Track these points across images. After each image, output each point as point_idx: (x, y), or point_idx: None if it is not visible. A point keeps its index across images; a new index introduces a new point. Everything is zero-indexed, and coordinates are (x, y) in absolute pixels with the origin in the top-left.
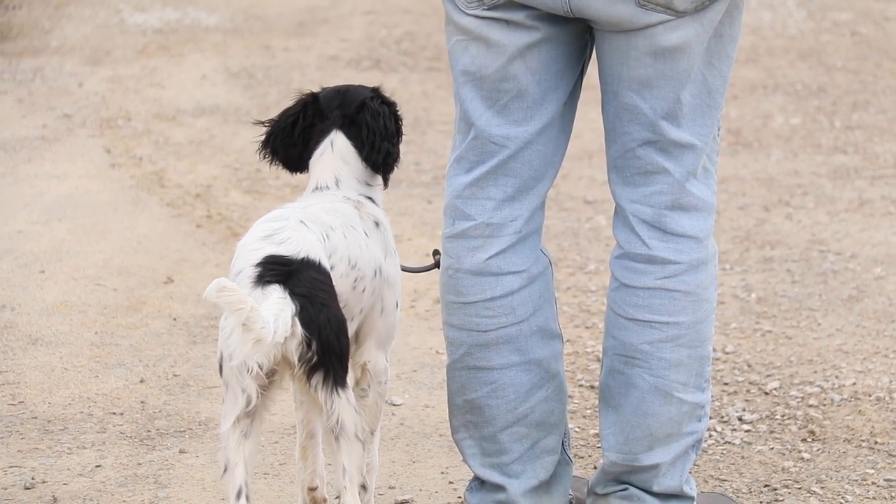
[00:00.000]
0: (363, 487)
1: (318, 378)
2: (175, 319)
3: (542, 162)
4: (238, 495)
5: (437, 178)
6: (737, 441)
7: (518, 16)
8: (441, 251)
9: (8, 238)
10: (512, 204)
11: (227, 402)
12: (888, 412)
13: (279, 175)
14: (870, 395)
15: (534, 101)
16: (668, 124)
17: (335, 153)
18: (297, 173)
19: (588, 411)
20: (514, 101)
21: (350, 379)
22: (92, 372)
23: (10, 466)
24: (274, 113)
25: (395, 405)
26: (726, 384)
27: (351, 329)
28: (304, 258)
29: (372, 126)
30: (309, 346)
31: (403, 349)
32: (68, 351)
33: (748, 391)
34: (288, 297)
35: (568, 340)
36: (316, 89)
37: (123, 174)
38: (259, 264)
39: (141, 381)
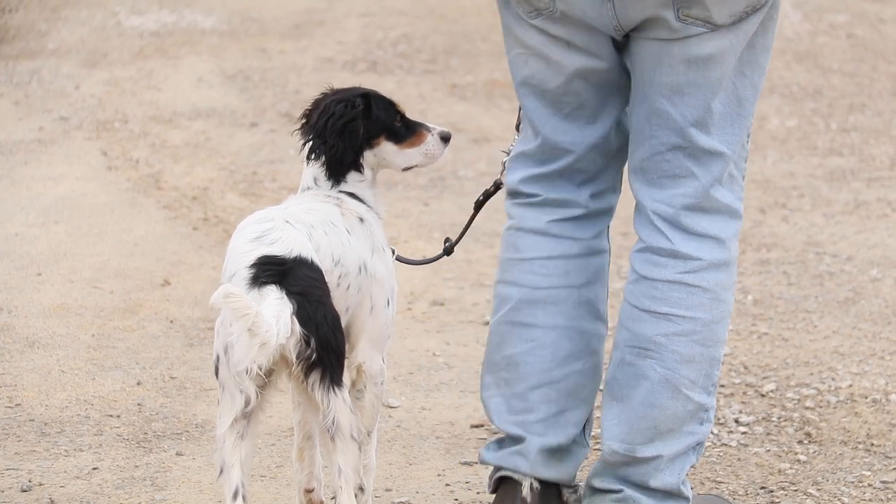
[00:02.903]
0: (360, 489)
1: (315, 376)
2: (172, 322)
3: (607, 157)
4: (234, 496)
5: (433, 180)
6: (733, 443)
7: (576, 37)
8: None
9: (5, 240)
10: (579, 189)
11: (223, 404)
12: (884, 414)
13: (275, 177)
14: (866, 397)
15: (595, 109)
16: (698, 131)
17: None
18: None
19: None
20: (577, 111)
21: (346, 380)
22: (89, 374)
23: (7, 469)
24: (270, 115)
25: (391, 407)
26: (723, 386)
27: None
28: (296, 257)
29: (315, 123)
30: (307, 343)
31: (400, 351)
32: (65, 353)
33: (745, 393)
34: (285, 297)
35: None
36: (315, 89)
37: (120, 177)
38: (253, 265)
39: (138, 384)
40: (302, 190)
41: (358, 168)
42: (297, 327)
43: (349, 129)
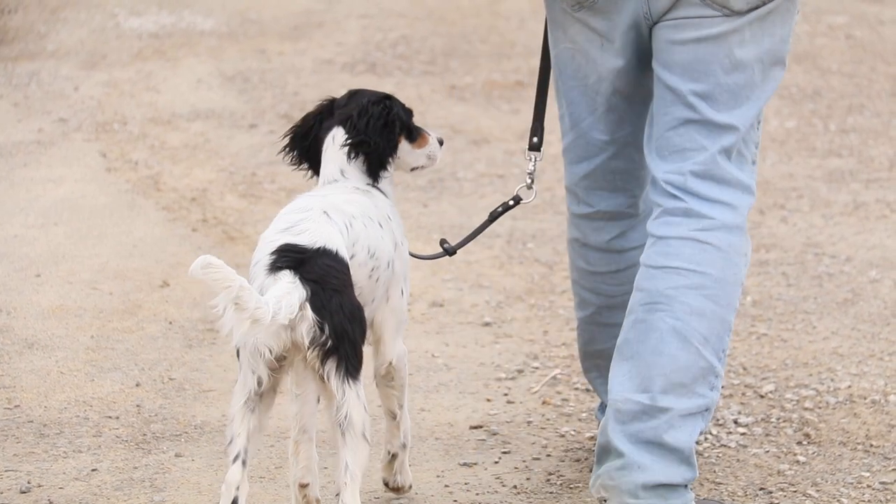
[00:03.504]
0: (403, 446)
1: (331, 365)
2: (171, 323)
3: (642, 155)
4: (235, 459)
5: (432, 181)
6: (732, 444)
7: (611, 32)
8: (568, 214)
9: (4, 242)
10: (623, 193)
11: (238, 383)
12: (883, 415)
13: (274, 179)
14: (865, 398)
15: (629, 107)
16: (707, 105)
17: (336, 146)
18: (317, 174)
19: (584, 414)
20: (612, 109)
21: (368, 372)
22: (88, 376)
23: (6, 470)
24: (269, 117)
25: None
26: (722, 387)
27: (367, 312)
28: (319, 247)
29: (358, 124)
30: (322, 330)
31: None
32: (64, 355)
33: (744, 394)
34: (298, 282)
35: (563, 344)
36: (314, 91)
37: (119, 178)
38: (274, 252)
39: (137, 385)
40: (327, 182)
41: (388, 165)
42: (310, 313)
43: (388, 129)
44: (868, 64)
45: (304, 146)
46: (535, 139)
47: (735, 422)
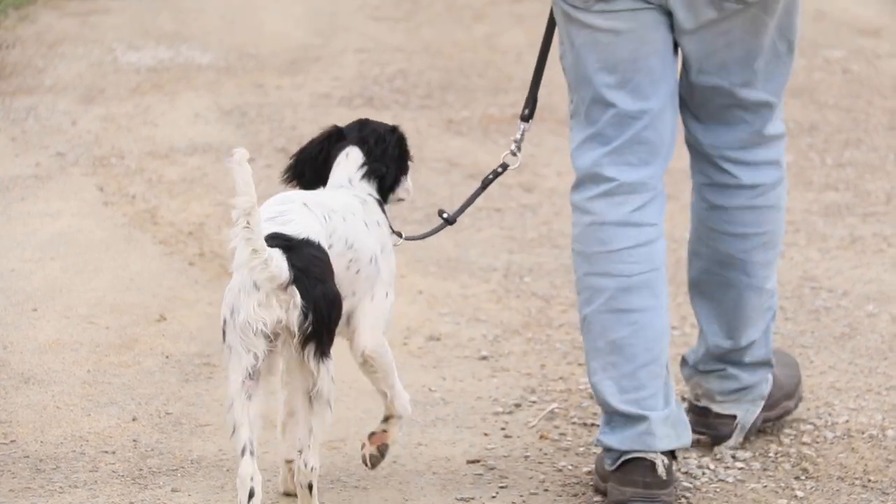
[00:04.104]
0: (399, 416)
1: (310, 348)
2: (167, 357)
3: (668, 129)
4: (243, 452)
5: (429, 215)
6: (730, 479)
7: (630, 20)
8: (577, 212)
9: (0, 276)
10: (646, 167)
11: (231, 366)
12: (881, 449)
13: None
14: (863, 433)
15: (659, 77)
16: (747, 90)
17: (349, 161)
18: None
19: (581, 449)
20: (644, 79)
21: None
22: (84, 410)
23: None
24: (266, 151)
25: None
26: (721, 444)
27: (346, 305)
28: (304, 238)
29: (374, 150)
30: (306, 317)
31: None
32: (60, 389)
33: None
34: (286, 262)
35: (560, 378)
36: (311, 125)
37: (116, 212)
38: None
39: (133, 420)
40: (332, 187)
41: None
42: (299, 300)
43: (402, 158)
44: (865, 98)
45: (315, 166)
46: (527, 111)
47: (733, 456)
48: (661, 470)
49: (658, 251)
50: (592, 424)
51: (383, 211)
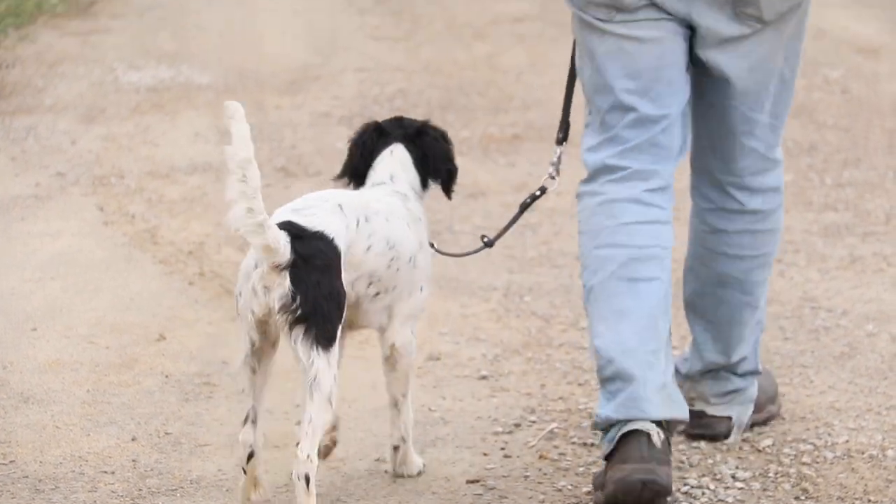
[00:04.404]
0: (403, 439)
1: (298, 332)
2: (167, 377)
3: (680, 135)
4: (245, 420)
5: (433, 232)
6: (730, 499)
7: (653, 29)
8: (583, 201)
9: (0, 296)
10: (660, 163)
11: (239, 339)
12: (881, 469)
13: None
14: (863, 453)
15: (678, 87)
16: (759, 113)
17: (393, 158)
18: (357, 186)
19: (580, 469)
20: (665, 88)
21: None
22: (83, 430)
23: None
24: (266, 170)
25: (386, 462)
26: (719, 442)
27: (388, 299)
28: (316, 231)
29: (434, 147)
30: (294, 300)
31: None
32: (60, 409)
33: (741, 448)
34: (289, 245)
35: (560, 398)
36: (311, 144)
37: (116, 232)
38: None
39: (133, 440)
40: (374, 184)
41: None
42: (287, 282)
43: (449, 157)
44: (864, 118)
45: (360, 163)
46: (561, 135)
47: (732, 476)
48: (655, 439)
49: (665, 233)
50: (592, 444)
51: (421, 203)
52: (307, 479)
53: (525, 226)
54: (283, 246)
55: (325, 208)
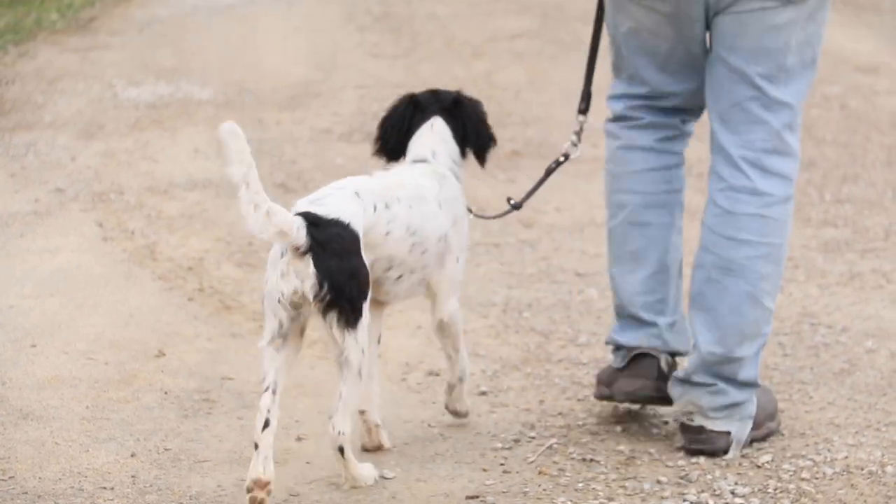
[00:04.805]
0: (460, 379)
1: (332, 317)
2: (166, 393)
3: (700, 103)
4: (266, 389)
5: None
6: None
7: (674, 8)
8: (610, 137)
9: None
10: (677, 116)
11: (265, 325)
12: (880, 486)
13: (270, 248)
14: (862, 469)
15: (693, 64)
16: (770, 84)
17: (434, 133)
18: (395, 161)
19: (580, 484)
20: (682, 67)
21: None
22: (82, 446)
23: None
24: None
25: (386, 479)
26: (718, 457)
27: (414, 278)
28: (332, 219)
29: (471, 115)
30: (321, 286)
31: (395, 423)
32: (59, 425)
33: (740, 464)
34: (305, 231)
35: (559, 413)
36: (311, 160)
37: (115, 248)
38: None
39: (132, 456)
40: (414, 161)
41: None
42: (312, 270)
43: (486, 126)
44: (863, 134)
45: (398, 137)
46: (583, 105)
47: (732, 492)
48: (664, 365)
49: (677, 176)
50: (591, 460)
51: (458, 178)
52: (341, 450)
53: (524, 241)
54: (296, 229)
55: (341, 196)
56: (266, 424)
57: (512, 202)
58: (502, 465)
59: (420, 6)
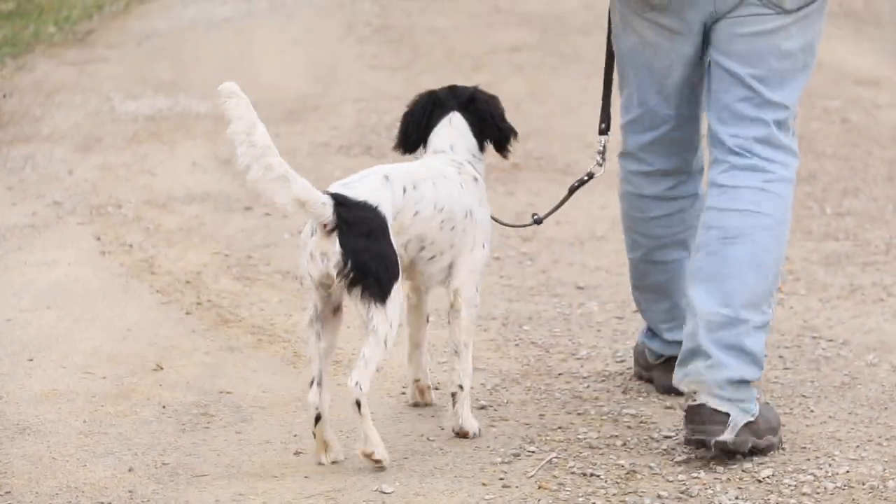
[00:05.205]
0: (460, 387)
1: (356, 292)
2: (164, 407)
3: (697, 130)
4: (311, 383)
5: None
6: None
7: (677, 22)
8: (622, 174)
9: None
10: (679, 156)
11: (307, 308)
12: (882, 500)
13: (269, 261)
14: (863, 484)
15: (689, 90)
16: (763, 86)
17: (452, 127)
18: (412, 153)
19: (580, 499)
20: (677, 90)
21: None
22: (80, 461)
23: None
24: (264, 200)
25: (384, 493)
26: (719, 472)
27: (444, 261)
28: (360, 201)
29: (488, 111)
30: (346, 264)
31: (394, 436)
32: (56, 440)
33: (741, 479)
34: (331, 203)
35: (559, 427)
36: (310, 173)
37: (113, 261)
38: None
39: (129, 470)
40: (434, 152)
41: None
42: (337, 247)
43: (502, 119)
44: (863, 148)
45: (418, 131)
46: (604, 125)
47: None
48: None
49: (692, 214)
50: (592, 475)
51: (477, 171)
52: (358, 405)
53: (524, 254)
54: (321, 204)
55: (370, 180)
56: (318, 419)
57: (535, 217)
58: (502, 479)
59: (420, 18)
